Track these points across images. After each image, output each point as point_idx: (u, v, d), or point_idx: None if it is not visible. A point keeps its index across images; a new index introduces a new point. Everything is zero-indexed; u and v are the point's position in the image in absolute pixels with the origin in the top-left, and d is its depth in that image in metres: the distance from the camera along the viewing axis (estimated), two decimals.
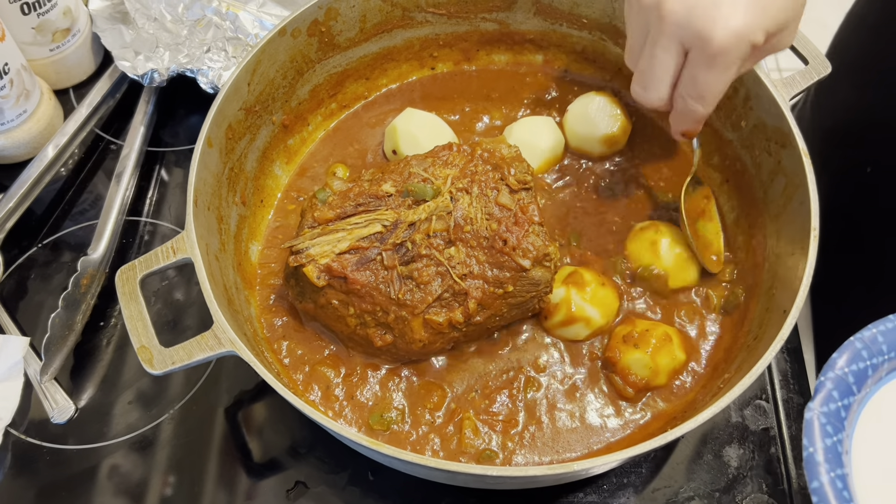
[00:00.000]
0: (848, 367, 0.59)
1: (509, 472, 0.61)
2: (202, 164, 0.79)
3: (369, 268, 0.76)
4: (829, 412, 0.57)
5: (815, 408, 0.57)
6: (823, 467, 0.55)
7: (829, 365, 0.59)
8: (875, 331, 0.60)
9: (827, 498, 0.54)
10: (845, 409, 0.58)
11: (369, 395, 0.80)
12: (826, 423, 0.57)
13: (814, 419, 0.57)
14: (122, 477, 0.82)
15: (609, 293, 0.82)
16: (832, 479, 0.55)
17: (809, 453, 0.56)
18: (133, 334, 0.70)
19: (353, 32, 0.96)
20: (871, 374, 0.60)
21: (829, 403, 0.57)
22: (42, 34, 1.03)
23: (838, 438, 0.57)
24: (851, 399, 0.58)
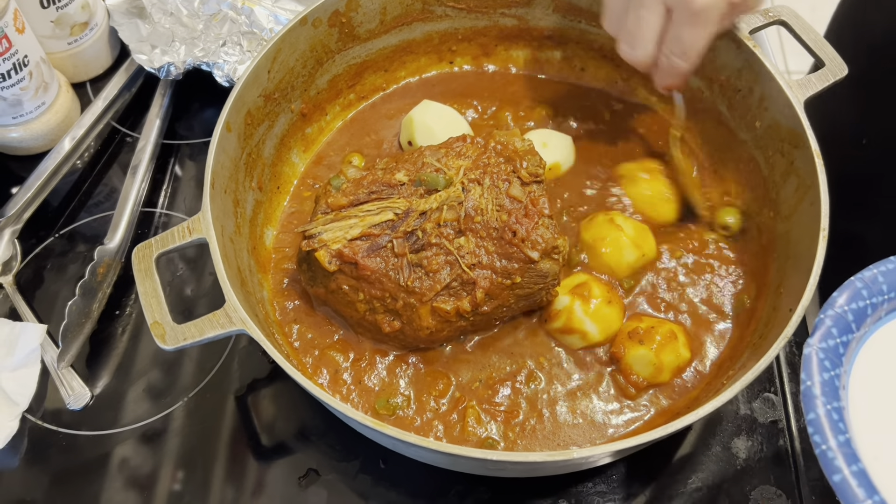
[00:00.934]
0: (847, 306, 0.60)
1: (509, 458, 0.62)
2: (220, 147, 0.80)
3: (380, 254, 0.77)
4: (827, 348, 0.58)
5: (814, 343, 0.58)
6: (820, 400, 0.56)
7: (829, 303, 0.60)
8: (875, 271, 0.62)
9: (823, 429, 0.55)
10: (843, 345, 0.59)
11: (376, 380, 0.81)
12: (824, 358, 0.57)
13: (812, 354, 0.58)
14: (135, 463, 0.84)
15: (613, 312, 0.81)
16: (828, 411, 0.55)
17: (807, 386, 0.56)
18: (147, 310, 0.71)
19: (373, 24, 0.97)
20: (871, 313, 0.61)
21: (828, 340, 0.58)
22: (61, 27, 1.06)
23: (836, 373, 0.57)
24: (850, 336, 0.59)
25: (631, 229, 0.85)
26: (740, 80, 0.88)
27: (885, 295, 0.61)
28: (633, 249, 0.85)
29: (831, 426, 0.55)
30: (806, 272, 0.71)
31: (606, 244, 0.85)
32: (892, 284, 0.61)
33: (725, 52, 0.88)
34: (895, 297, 0.61)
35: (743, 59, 0.87)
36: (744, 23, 0.86)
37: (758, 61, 0.84)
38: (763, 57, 0.84)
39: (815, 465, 0.81)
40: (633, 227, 0.86)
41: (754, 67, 0.85)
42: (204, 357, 0.90)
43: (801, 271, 0.72)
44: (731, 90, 0.90)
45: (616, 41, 0.81)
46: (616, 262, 0.85)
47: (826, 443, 0.55)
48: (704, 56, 0.90)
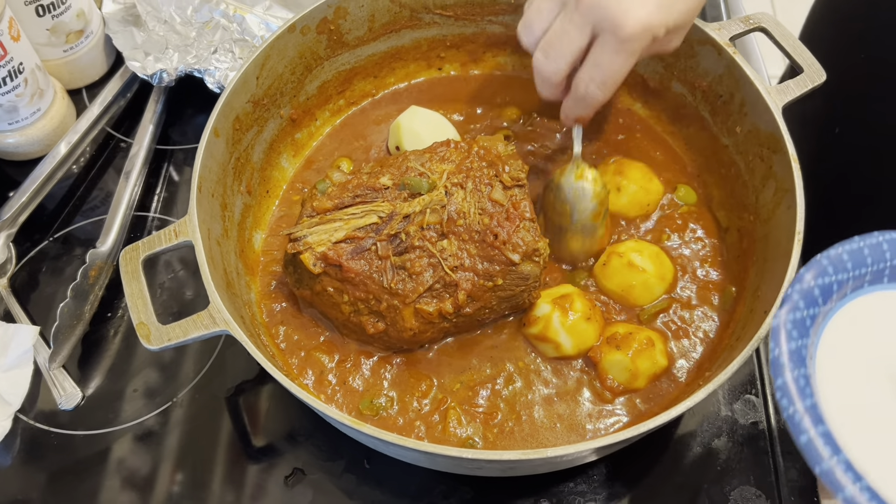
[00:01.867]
0: (814, 281, 0.62)
1: (484, 456, 0.63)
2: (208, 152, 0.82)
3: (364, 257, 0.78)
4: (794, 319, 0.60)
5: (782, 315, 0.61)
6: (788, 367, 0.58)
7: (797, 279, 0.63)
8: (841, 249, 0.64)
9: (790, 393, 0.57)
10: (811, 318, 0.61)
11: (361, 381, 0.83)
12: (791, 328, 0.60)
13: (780, 325, 0.60)
14: (127, 462, 0.85)
15: (590, 328, 0.81)
16: (795, 377, 0.58)
17: (775, 355, 0.59)
18: (133, 311, 0.73)
19: (361, 31, 0.98)
20: (837, 289, 0.63)
21: (795, 312, 0.61)
22: (56, 35, 1.07)
23: (802, 343, 0.60)
24: (816, 310, 0.62)
25: (651, 265, 0.84)
26: (721, 85, 0.89)
27: (850, 272, 0.63)
28: (659, 283, 0.85)
29: (798, 391, 0.58)
30: (781, 274, 0.72)
31: (636, 290, 0.84)
32: (855, 262, 0.63)
33: (707, 58, 0.90)
34: (860, 275, 0.64)
35: (724, 65, 0.88)
36: (724, 29, 0.88)
37: (738, 67, 0.86)
38: (743, 63, 0.85)
39: (794, 467, 0.82)
40: (652, 261, 0.85)
41: (735, 73, 0.87)
42: (194, 359, 0.91)
43: (777, 274, 0.73)
44: (713, 96, 0.91)
45: (532, 53, 0.78)
46: (646, 299, 0.85)
47: (793, 405, 0.57)
48: (687, 62, 0.92)
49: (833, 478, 0.55)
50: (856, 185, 0.96)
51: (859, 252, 0.64)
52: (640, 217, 0.92)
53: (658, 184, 0.92)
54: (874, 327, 0.65)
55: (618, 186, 0.90)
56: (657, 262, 0.85)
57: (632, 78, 1.00)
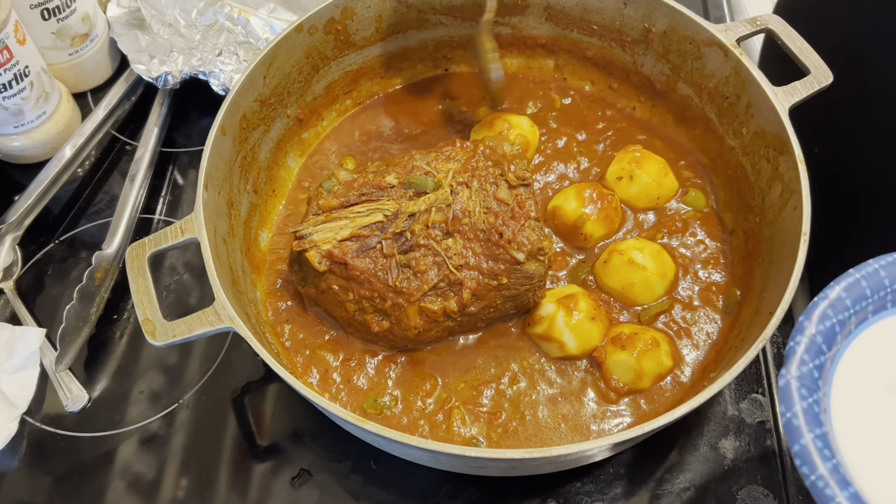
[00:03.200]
0: (815, 329, 0.59)
1: (488, 454, 0.63)
2: (214, 150, 0.82)
3: (369, 255, 0.78)
4: (801, 375, 0.57)
5: (790, 373, 0.57)
6: (804, 429, 0.55)
7: (797, 329, 0.59)
8: (838, 288, 0.61)
9: (811, 458, 0.54)
10: (818, 369, 0.58)
11: (365, 380, 0.82)
12: (800, 385, 0.56)
13: (788, 384, 0.57)
14: (133, 464, 0.85)
15: (594, 328, 0.81)
16: (813, 439, 0.55)
17: (787, 418, 0.56)
18: (139, 307, 0.73)
19: (368, 32, 0.99)
20: (840, 330, 0.60)
21: (802, 367, 0.57)
22: (61, 39, 1.08)
23: (814, 399, 0.57)
24: (823, 358, 0.58)
25: (652, 263, 0.84)
26: (728, 87, 0.89)
27: (851, 309, 0.60)
28: (660, 281, 0.85)
29: (818, 454, 0.54)
30: (787, 275, 0.72)
31: (636, 288, 0.84)
32: (855, 298, 0.61)
33: (713, 59, 0.90)
34: (862, 308, 0.61)
35: (730, 66, 0.88)
36: (731, 31, 0.88)
37: (744, 69, 0.86)
38: (749, 65, 0.85)
39: None
40: (653, 259, 0.85)
41: (741, 75, 0.87)
42: (200, 360, 0.91)
43: (783, 275, 0.73)
44: (720, 97, 0.91)
45: None
46: (647, 297, 0.85)
47: (815, 472, 0.54)
48: (693, 63, 0.92)
49: None
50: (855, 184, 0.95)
51: (857, 285, 0.61)
52: (648, 209, 0.92)
53: (673, 180, 0.92)
54: (886, 358, 0.62)
55: (630, 174, 0.90)
56: (658, 260, 0.85)
57: (638, 79, 1.00)
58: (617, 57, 1.00)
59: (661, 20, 0.93)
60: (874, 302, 0.62)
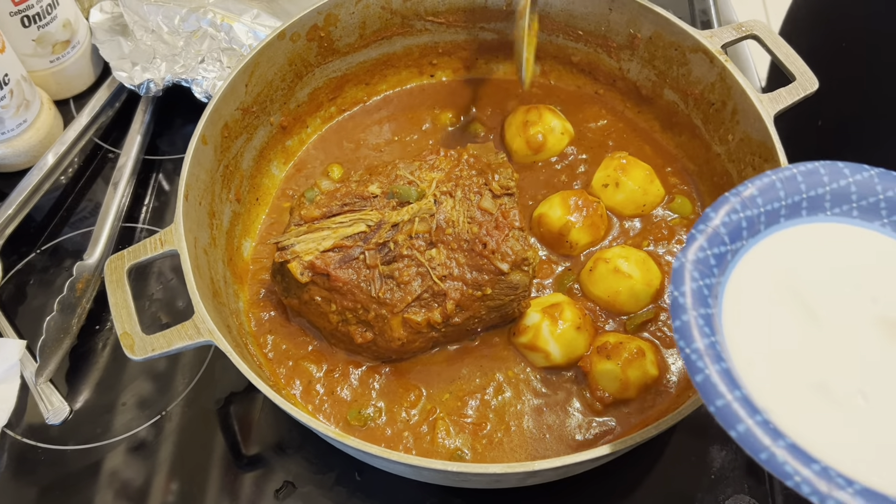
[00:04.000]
0: (721, 221, 0.59)
1: (471, 469, 0.63)
2: (195, 160, 0.81)
3: (352, 266, 0.78)
4: (697, 260, 0.57)
5: (686, 257, 0.57)
6: (688, 307, 0.55)
7: (702, 219, 0.59)
8: (752, 187, 0.61)
9: (690, 332, 0.54)
10: (716, 257, 0.58)
11: (349, 391, 0.82)
12: (694, 269, 0.57)
13: (683, 266, 0.57)
14: (118, 476, 0.84)
15: (580, 338, 0.81)
16: (696, 316, 0.55)
17: (675, 297, 0.56)
18: (117, 321, 0.72)
19: (352, 38, 0.98)
20: (747, 226, 0.60)
21: (699, 252, 0.57)
22: (42, 46, 1.07)
23: (706, 283, 0.57)
24: (724, 248, 0.58)
25: (638, 271, 0.83)
26: (713, 93, 0.89)
27: (761, 208, 0.60)
28: (646, 289, 0.84)
29: (698, 330, 0.54)
30: None
31: (622, 296, 0.83)
32: (768, 199, 0.60)
33: (699, 65, 0.89)
34: (772, 211, 0.61)
35: (716, 73, 0.87)
36: (716, 37, 0.87)
37: (730, 75, 0.85)
38: (735, 71, 0.85)
39: None
40: (639, 267, 0.84)
41: (727, 81, 0.86)
42: (184, 371, 0.91)
43: None
44: (705, 104, 0.91)
45: None
46: (632, 306, 0.84)
47: (690, 346, 0.54)
48: (679, 70, 0.92)
49: (729, 412, 0.52)
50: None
51: (772, 186, 0.60)
52: (634, 217, 0.91)
53: (659, 187, 0.92)
54: (790, 262, 0.62)
55: (616, 181, 0.90)
56: (644, 269, 0.84)
57: (624, 85, 0.99)
58: (603, 63, 0.99)
59: (646, 26, 0.92)
60: (788, 206, 0.61)
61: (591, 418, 0.79)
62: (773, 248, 0.62)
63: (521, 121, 0.96)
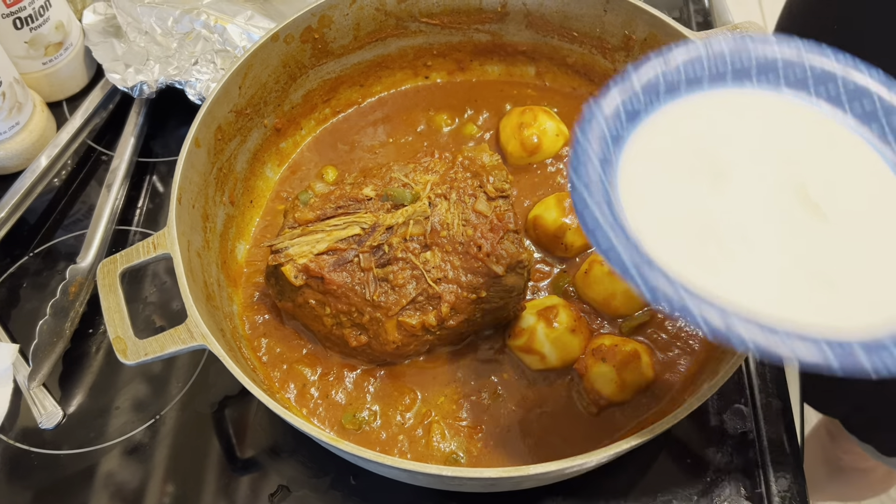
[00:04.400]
0: (638, 78, 0.60)
1: (465, 474, 0.62)
2: (188, 163, 0.81)
3: (346, 269, 0.77)
4: (608, 108, 0.58)
5: (597, 103, 0.58)
6: (588, 147, 0.56)
7: (622, 74, 0.60)
8: (677, 51, 0.61)
9: (584, 168, 0.55)
10: (628, 113, 0.59)
11: (343, 395, 0.81)
12: (601, 116, 0.58)
13: (593, 112, 0.58)
14: (111, 480, 0.84)
15: (575, 340, 0.80)
16: (593, 154, 0.56)
17: (576, 136, 0.57)
18: (110, 325, 0.72)
19: (346, 40, 0.98)
20: (665, 88, 0.61)
21: (611, 101, 0.59)
22: (35, 48, 1.06)
23: (611, 131, 0.58)
24: (638, 105, 0.59)
25: None
26: None
27: (682, 74, 0.61)
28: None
29: (591, 167, 0.55)
30: None
31: (617, 299, 0.83)
32: (691, 66, 0.61)
33: None
34: (695, 78, 0.61)
35: None
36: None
37: None
38: None
39: (784, 477, 0.81)
40: None
41: None
42: (178, 374, 0.90)
43: None
44: None
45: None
46: (628, 308, 0.84)
47: (581, 179, 0.55)
48: None
49: (602, 234, 0.53)
50: None
51: (697, 55, 0.61)
52: None
53: None
54: (702, 122, 0.62)
55: None
56: None
57: None
58: (598, 64, 0.99)
59: (641, 27, 0.92)
60: (712, 74, 0.62)
61: (585, 420, 0.79)
62: (690, 109, 0.62)
63: (515, 122, 0.96)
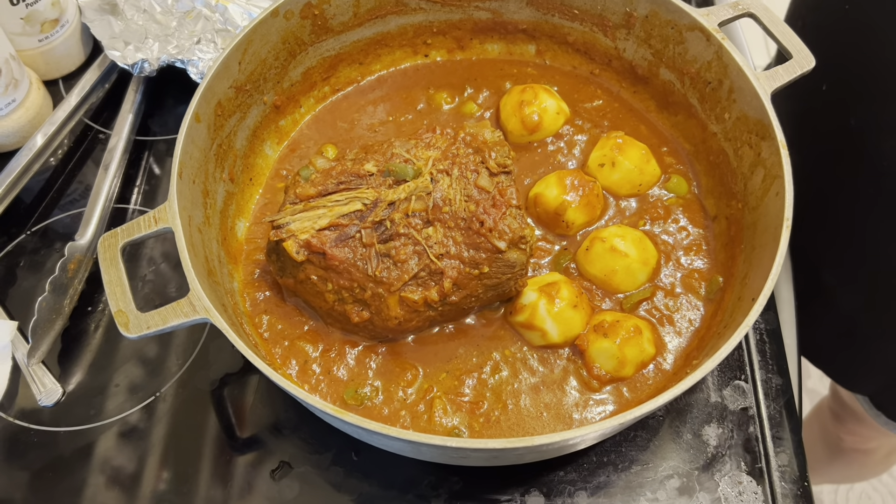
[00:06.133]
0: None
1: (469, 444, 0.62)
2: (188, 138, 0.80)
3: (348, 244, 0.77)
4: None
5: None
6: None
7: None
8: None
9: None
10: None
11: (345, 371, 0.81)
12: None
13: None
14: (111, 459, 0.84)
15: (576, 316, 0.80)
16: None
17: None
18: (111, 298, 0.71)
19: (346, 17, 0.97)
20: None
21: None
22: (31, 25, 1.05)
23: None
24: None
25: (634, 250, 0.83)
26: (710, 72, 0.88)
27: None
28: (642, 268, 0.84)
29: None
30: (769, 262, 0.71)
31: (618, 275, 0.83)
32: None
33: (695, 44, 0.89)
34: None
35: (712, 51, 0.87)
36: (713, 15, 0.87)
37: (727, 53, 0.85)
38: (731, 49, 0.84)
39: (784, 452, 0.82)
40: (635, 246, 0.83)
41: (723, 59, 0.86)
42: (177, 352, 0.90)
43: (766, 261, 0.73)
44: (702, 82, 0.90)
45: None
46: (629, 285, 0.84)
47: None
48: (675, 48, 0.91)
49: None
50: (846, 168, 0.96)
51: None
52: (630, 196, 0.91)
53: (655, 167, 0.91)
54: None
55: (612, 161, 0.90)
56: (640, 247, 0.84)
57: (620, 65, 0.99)
58: (599, 42, 0.99)
59: (642, 4, 0.92)
60: None
61: (588, 396, 0.79)
62: None
63: (516, 101, 0.95)
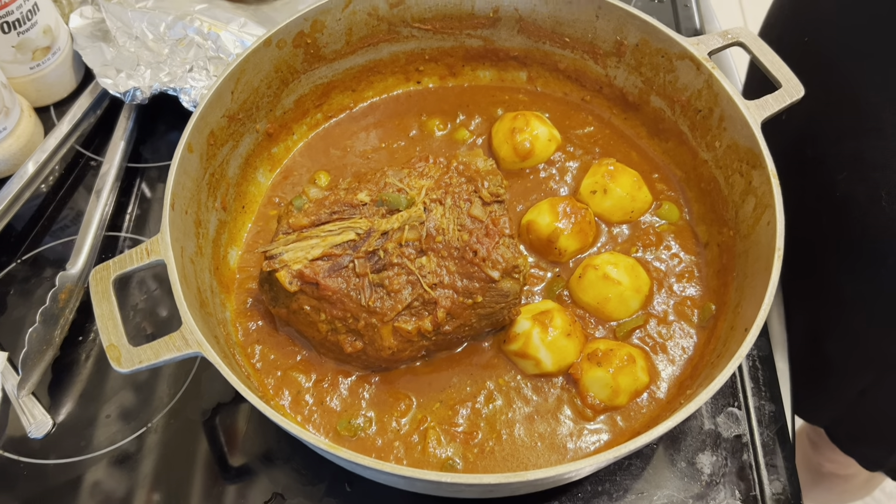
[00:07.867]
0: None
1: (464, 480, 0.62)
2: (181, 168, 0.80)
3: (341, 275, 0.77)
4: None
5: None
6: None
7: None
8: None
9: None
10: None
11: (338, 401, 0.81)
12: None
13: None
14: (101, 490, 0.83)
15: (570, 345, 0.80)
16: None
17: None
18: (103, 332, 0.71)
19: (339, 45, 0.97)
20: None
21: None
22: (22, 52, 1.05)
23: None
24: None
25: (626, 277, 0.83)
26: (700, 100, 0.89)
27: None
28: (635, 295, 0.84)
29: None
30: (762, 291, 0.71)
31: (611, 303, 0.83)
32: None
33: (685, 72, 0.90)
34: None
35: (702, 80, 0.88)
36: (702, 44, 0.88)
37: (716, 82, 0.86)
38: (721, 78, 0.85)
39: (779, 480, 0.82)
40: (628, 274, 0.84)
41: (713, 88, 0.86)
42: (169, 382, 0.89)
43: (758, 290, 0.73)
44: (692, 110, 0.91)
45: None
46: (622, 312, 0.84)
47: None
48: (666, 76, 0.92)
49: None
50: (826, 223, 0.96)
51: None
52: (622, 223, 0.91)
53: (647, 193, 0.92)
54: None
55: (604, 188, 0.90)
56: (633, 275, 0.84)
57: (611, 92, 1.00)
58: (590, 69, 0.99)
59: (633, 33, 0.93)
60: None
61: (582, 425, 0.79)
62: None
63: (508, 128, 0.96)
